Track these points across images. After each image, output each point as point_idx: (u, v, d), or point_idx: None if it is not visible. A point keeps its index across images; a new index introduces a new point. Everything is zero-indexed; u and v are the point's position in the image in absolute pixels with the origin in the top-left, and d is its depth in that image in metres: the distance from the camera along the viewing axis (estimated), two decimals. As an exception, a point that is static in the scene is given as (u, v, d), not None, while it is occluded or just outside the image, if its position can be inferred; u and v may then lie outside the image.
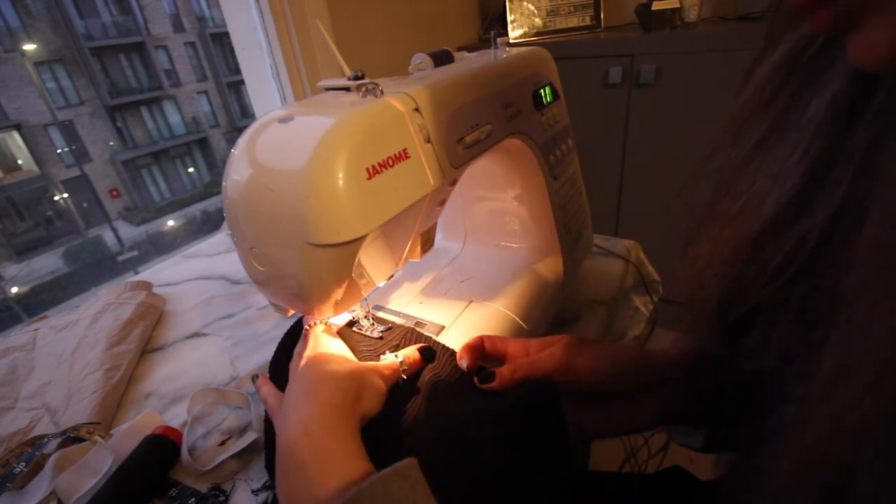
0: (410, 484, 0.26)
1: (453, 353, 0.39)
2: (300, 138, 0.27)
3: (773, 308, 0.24)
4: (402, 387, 0.36)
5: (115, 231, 9.22)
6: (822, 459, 0.18)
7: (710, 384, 0.32)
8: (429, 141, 0.32)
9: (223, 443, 0.42)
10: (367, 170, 0.27)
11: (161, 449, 0.40)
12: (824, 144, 0.22)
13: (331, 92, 0.34)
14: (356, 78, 0.32)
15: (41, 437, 0.42)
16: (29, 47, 8.38)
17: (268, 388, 0.37)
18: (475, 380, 0.37)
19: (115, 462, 0.38)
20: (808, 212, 0.22)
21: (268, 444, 0.37)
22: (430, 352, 0.38)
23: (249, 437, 0.41)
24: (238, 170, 0.29)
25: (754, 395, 0.25)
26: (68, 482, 0.37)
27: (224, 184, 0.30)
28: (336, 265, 0.29)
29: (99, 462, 0.38)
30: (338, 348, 0.36)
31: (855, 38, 0.17)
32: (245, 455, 0.41)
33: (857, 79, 0.20)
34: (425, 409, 0.34)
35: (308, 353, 0.34)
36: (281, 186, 0.27)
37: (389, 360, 0.36)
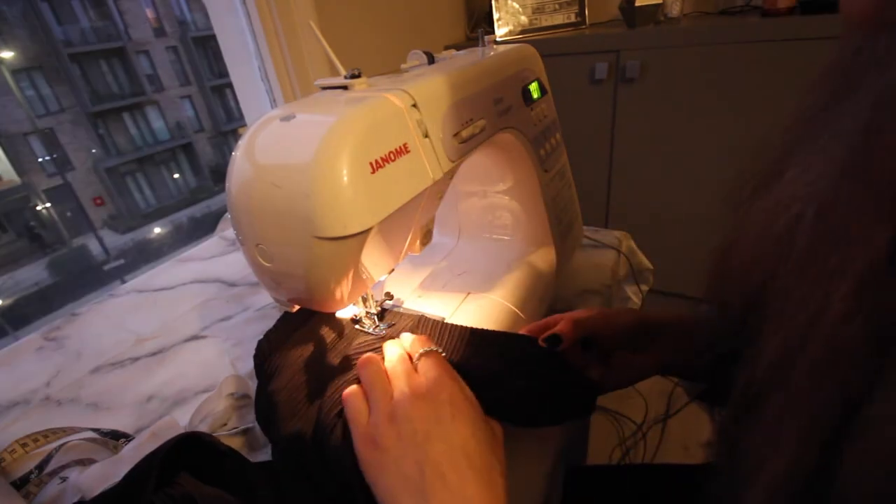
0: None
1: (453, 328, 0.39)
2: (304, 135, 0.28)
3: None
4: None
5: (100, 240, 9.07)
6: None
7: (706, 345, 0.35)
8: (426, 136, 0.33)
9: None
10: (371, 164, 0.28)
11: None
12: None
13: (328, 91, 0.35)
14: (352, 76, 0.33)
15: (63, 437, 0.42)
16: (6, 55, 8.20)
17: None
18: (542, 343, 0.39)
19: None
20: None
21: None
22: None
23: (249, 437, 0.42)
24: (242, 169, 0.30)
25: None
26: (86, 484, 0.37)
27: (228, 183, 0.31)
28: (343, 258, 0.30)
29: (117, 469, 0.39)
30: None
31: None
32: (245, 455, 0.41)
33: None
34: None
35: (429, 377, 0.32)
36: (287, 183, 0.27)
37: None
